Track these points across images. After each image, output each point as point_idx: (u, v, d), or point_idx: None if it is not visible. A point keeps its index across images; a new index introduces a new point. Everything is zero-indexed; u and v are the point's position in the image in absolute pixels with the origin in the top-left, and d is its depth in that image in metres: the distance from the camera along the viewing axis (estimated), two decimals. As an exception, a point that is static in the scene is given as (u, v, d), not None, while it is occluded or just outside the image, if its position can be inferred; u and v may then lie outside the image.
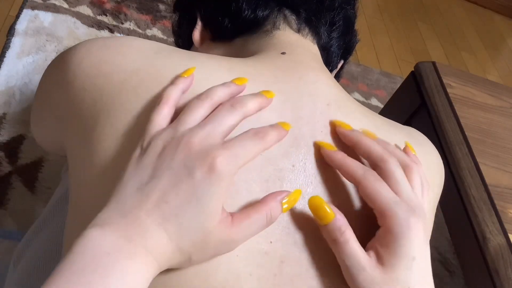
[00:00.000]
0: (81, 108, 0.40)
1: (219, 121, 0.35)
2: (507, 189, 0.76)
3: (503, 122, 0.89)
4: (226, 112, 0.36)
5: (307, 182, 0.40)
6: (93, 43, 0.42)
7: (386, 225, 0.37)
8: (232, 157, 0.33)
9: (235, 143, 0.35)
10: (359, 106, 0.47)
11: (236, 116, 0.37)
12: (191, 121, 0.36)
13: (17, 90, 1.12)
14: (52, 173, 1.02)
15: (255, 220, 0.35)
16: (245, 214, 0.35)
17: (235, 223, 0.34)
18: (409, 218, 0.36)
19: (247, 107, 0.37)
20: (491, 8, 2.55)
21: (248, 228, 0.34)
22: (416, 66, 0.94)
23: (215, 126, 0.35)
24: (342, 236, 0.36)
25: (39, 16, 1.28)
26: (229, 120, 0.36)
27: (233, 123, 0.36)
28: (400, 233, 0.36)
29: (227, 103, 0.37)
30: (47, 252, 0.58)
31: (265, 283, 0.37)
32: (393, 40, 1.97)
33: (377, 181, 0.38)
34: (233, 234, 0.34)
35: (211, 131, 0.35)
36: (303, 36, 0.52)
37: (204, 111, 0.37)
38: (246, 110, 0.37)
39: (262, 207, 0.35)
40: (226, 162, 0.33)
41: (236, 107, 0.37)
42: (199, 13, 0.56)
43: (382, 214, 0.37)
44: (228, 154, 0.33)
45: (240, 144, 0.35)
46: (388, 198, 0.37)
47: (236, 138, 0.35)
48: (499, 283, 0.64)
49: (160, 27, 1.46)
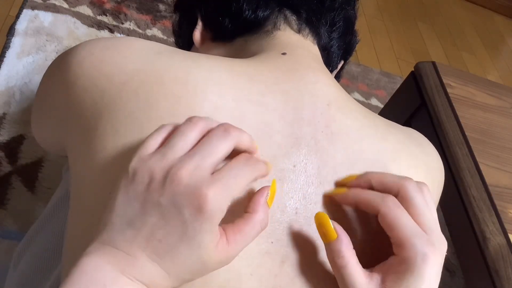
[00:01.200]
0: (82, 108, 0.40)
1: (210, 151, 0.33)
2: (507, 189, 0.76)
3: (503, 122, 0.89)
4: (218, 140, 0.34)
5: (308, 182, 0.40)
6: (94, 44, 0.42)
7: (401, 255, 0.36)
8: (223, 190, 0.32)
9: (226, 174, 0.33)
10: (359, 107, 0.47)
11: (229, 143, 0.34)
12: (181, 147, 0.33)
13: (17, 90, 1.12)
14: (52, 173, 1.02)
15: (249, 231, 0.34)
16: (237, 229, 0.34)
17: (230, 241, 0.33)
18: (427, 253, 0.35)
19: (242, 134, 0.35)
20: (491, 8, 2.55)
21: (244, 241, 0.34)
22: (416, 66, 0.94)
23: (205, 156, 0.33)
24: (343, 258, 0.36)
25: (39, 16, 1.28)
26: (220, 149, 0.33)
27: (225, 151, 0.34)
28: (414, 267, 0.35)
29: (221, 128, 0.34)
30: (47, 252, 0.58)
31: (266, 283, 0.37)
32: (393, 40, 1.97)
33: (396, 208, 0.37)
34: (230, 252, 0.33)
35: (200, 162, 0.32)
36: (304, 36, 0.52)
37: (195, 135, 0.34)
38: (240, 137, 0.35)
39: (253, 217, 0.34)
40: (216, 198, 0.31)
41: (229, 131, 0.34)
42: (199, 13, 0.56)
43: (399, 244, 0.36)
44: (219, 188, 0.32)
45: (231, 174, 0.33)
46: (408, 228, 0.36)
47: (227, 167, 0.33)
48: (499, 283, 0.64)
49: (160, 27, 1.46)
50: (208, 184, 0.32)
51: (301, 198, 0.40)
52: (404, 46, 1.97)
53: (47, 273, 0.56)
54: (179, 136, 0.34)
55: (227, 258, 0.33)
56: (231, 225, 0.34)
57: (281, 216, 0.39)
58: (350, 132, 0.43)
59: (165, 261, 0.32)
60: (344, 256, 0.36)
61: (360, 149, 0.43)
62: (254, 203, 0.35)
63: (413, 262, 0.35)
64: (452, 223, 0.79)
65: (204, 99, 0.39)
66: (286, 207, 0.39)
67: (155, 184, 0.32)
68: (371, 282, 0.36)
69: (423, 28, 2.14)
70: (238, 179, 0.33)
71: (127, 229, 0.32)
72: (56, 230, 0.59)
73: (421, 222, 0.37)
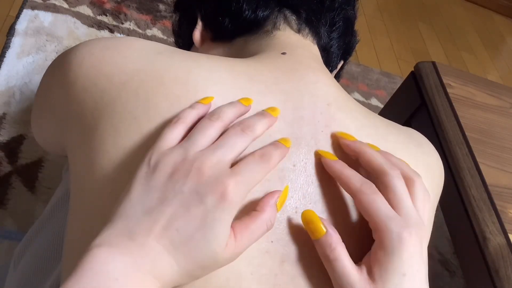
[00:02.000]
0: (82, 108, 0.40)
1: (230, 147, 0.35)
2: (507, 189, 0.76)
3: (503, 122, 0.89)
4: (236, 137, 0.36)
5: (308, 182, 0.40)
6: (94, 44, 0.42)
7: (378, 240, 0.37)
8: (241, 184, 0.34)
9: (243, 169, 0.35)
10: (359, 107, 0.47)
11: (246, 141, 0.37)
12: (202, 142, 0.35)
13: (17, 90, 1.12)
14: (52, 173, 1.02)
15: (256, 229, 0.35)
16: (244, 226, 0.34)
17: (238, 238, 0.34)
18: (402, 233, 0.36)
19: (255, 132, 0.38)
20: (491, 8, 2.55)
21: (250, 239, 0.35)
22: (416, 66, 0.94)
23: (226, 152, 0.35)
24: (332, 253, 0.36)
25: (39, 16, 1.28)
26: (238, 145, 0.36)
27: (243, 148, 0.36)
28: (390, 249, 0.36)
29: (238, 128, 0.37)
30: (47, 252, 0.58)
31: (266, 283, 0.37)
32: (393, 40, 1.97)
33: (373, 194, 0.38)
34: (237, 249, 0.34)
35: (221, 157, 0.35)
36: (303, 36, 0.52)
37: (215, 132, 0.37)
38: (255, 135, 0.38)
39: (260, 215, 0.35)
40: (237, 189, 0.33)
41: (246, 132, 0.37)
42: (199, 13, 0.56)
43: (375, 229, 0.37)
44: (238, 181, 0.34)
45: (248, 169, 0.35)
46: (383, 212, 0.37)
47: (243, 163, 0.35)
48: (499, 283, 0.64)
49: (160, 27, 1.46)
50: (229, 175, 0.34)
51: (301, 197, 0.40)
52: (404, 46, 1.97)
53: (47, 273, 0.56)
54: (200, 132, 0.36)
55: (233, 254, 0.34)
56: (238, 221, 0.35)
57: (281, 215, 0.39)
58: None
59: (179, 253, 0.32)
60: (335, 248, 0.36)
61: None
62: (263, 202, 0.36)
63: (389, 244, 0.36)
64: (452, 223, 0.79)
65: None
66: (286, 206, 0.39)
67: (179, 174, 0.33)
68: (361, 274, 0.36)
69: (423, 28, 2.14)
70: (255, 173, 0.35)
71: (145, 219, 0.32)
72: (56, 230, 0.59)
73: (398, 208, 0.37)
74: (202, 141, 0.35)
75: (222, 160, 0.34)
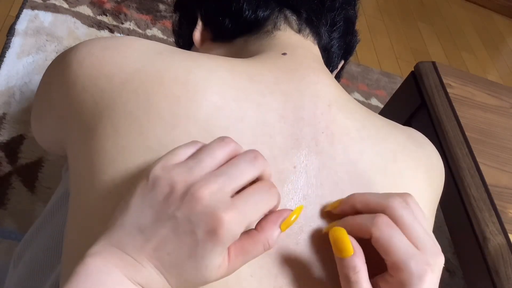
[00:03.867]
0: (82, 108, 0.40)
1: (236, 175, 0.32)
2: (507, 189, 0.76)
3: (503, 122, 0.89)
4: (246, 165, 0.33)
5: (308, 183, 0.40)
6: (94, 44, 0.42)
7: (398, 277, 0.35)
8: (239, 216, 0.31)
9: (245, 199, 0.32)
10: (359, 107, 0.47)
11: (256, 171, 0.33)
12: (208, 164, 0.33)
13: (17, 90, 1.12)
14: (52, 173, 1.02)
15: (252, 250, 0.33)
16: (240, 247, 0.33)
17: (232, 259, 0.33)
18: (423, 274, 0.34)
19: (266, 167, 0.34)
20: (491, 8, 2.55)
21: (245, 260, 0.34)
22: (416, 66, 0.94)
23: (230, 179, 0.32)
24: (355, 275, 0.35)
25: (39, 16, 1.28)
26: (246, 175, 0.33)
27: (250, 178, 0.33)
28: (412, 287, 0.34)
29: (251, 154, 0.34)
30: (47, 252, 0.58)
31: (266, 284, 0.37)
32: (393, 40, 1.97)
33: (388, 228, 0.35)
34: (231, 269, 0.33)
35: (223, 186, 0.32)
36: (304, 36, 0.52)
37: (224, 155, 0.33)
38: (266, 168, 0.34)
39: (259, 238, 0.33)
40: (232, 223, 0.31)
41: (258, 159, 0.34)
42: (199, 13, 0.56)
43: (394, 267, 0.35)
44: (236, 214, 0.31)
45: (251, 201, 0.32)
46: (402, 250, 0.35)
47: (247, 193, 0.33)
48: (499, 283, 0.64)
49: (160, 27, 1.46)
50: (226, 208, 0.31)
51: (301, 199, 0.40)
52: (404, 46, 1.97)
53: (47, 273, 0.56)
54: (208, 152, 0.33)
55: (226, 274, 0.33)
56: (234, 243, 0.33)
57: (281, 217, 0.38)
58: (350, 132, 0.43)
59: (170, 274, 0.32)
60: (358, 272, 0.35)
61: (361, 150, 0.43)
62: (266, 221, 0.34)
63: (409, 285, 0.35)
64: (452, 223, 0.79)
65: (204, 99, 0.39)
66: (287, 207, 0.39)
67: (175, 196, 0.31)
68: None
69: (423, 28, 2.14)
70: (257, 206, 0.33)
71: (138, 235, 0.31)
72: (56, 230, 0.59)
73: (413, 239, 0.36)
74: (208, 162, 0.33)
75: (222, 189, 0.31)
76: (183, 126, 0.38)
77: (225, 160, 0.33)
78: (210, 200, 0.31)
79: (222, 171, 0.32)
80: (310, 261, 0.39)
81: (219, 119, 0.39)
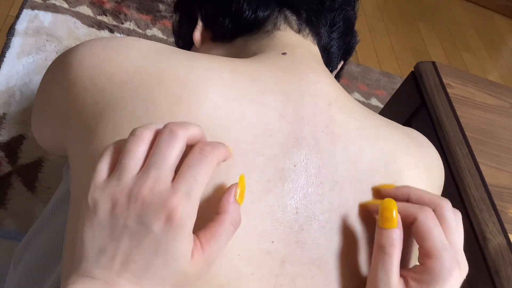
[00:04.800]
0: (82, 108, 0.40)
1: (162, 161, 0.33)
2: (507, 189, 0.76)
3: (503, 122, 0.89)
4: (167, 146, 0.33)
5: (309, 182, 0.40)
6: (94, 44, 0.42)
7: (428, 265, 0.37)
8: (187, 196, 0.32)
9: (185, 177, 0.33)
10: (359, 107, 0.47)
11: (178, 145, 0.34)
12: (134, 165, 0.33)
13: (17, 90, 1.12)
14: (52, 173, 1.02)
15: (222, 233, 0.34)
16: (209, 233, 0.33)
17: (205, 247, 0.33)
18: (454, 269, 0.37)
19: (189, 129, 0.34)
20: (491, 8, 2.55)
21: (219, 245, 0.34)
22: (416, 66, 0.94)
23: (159, 169, 0.33)
24: (390, 248, 0.37)
25: (39, 16, 1.28)
26: (172, 154, 0.33)
27: (177, 155, 0.34)
28: (440, 278, 0.37)
29: (166, 130, 0.34)
30: (47, 252, 0.58)
31: (266, 283, 0.37)
32: (393, 40, 1.97)
33: (433, 219, 0.38)
34: (207, 257, 0.33)
35: (157, 177, 0.32)
36: (304, 36, 0.52)
37: (143, 149, 0.34)
38: (188, 133, 0.34)
39: (223, 218, 0.34)
40: (183, 205, 0.31)
41: (175, 133, 0.34)
42: (199, 13, 0.56)
43: (428, 254, 0.38)
44: (183, 195, 0.32)
45: (190, 175, 0.33)
46: (439, 241, 0.38)
47: (184, 169, 0.33)
48: (499, 283, 0.64)
49: (160, 27, 1.46)
50: (169, 195, 0.32)
51: (301, 197, 0.40)
52: (404, 46, 1.97)
53: (47, 273, 0.56)
54: (128, 156, 0.34)
55: (205, 264, 0.33)
56: (203, 230, 0.34)
57: (281, 216, 0.39)
58: (350, 132, 0.43)
59: (145, 281, 0.32)
60: (395, 246, 0.37)
61: (361, 149, 0.43)
62: (223, 203, 0.34)
63: (439, 274, 0.37)
64: (452, 223, 0.78)
65: (205, 99, 0.39)
66: (287, 207, 0.39)
67: (119, 207, 0.32)
68: (399, 282, 0.37)
69: (423, 28, 2.14)
70: (199, 177, 0.33)
71: (101, 257, 0.32)
72: (56, 230, 0.59)
73: (450, 240, 0.38)
74: (132, 164, 0.33)
75: (159, 179, 0.32)
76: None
77: (146, 152, 0.34)
78: (152, 196, 0.32)
79: (149, 165, 0.33)
80: (310, 260, 0.39)
81: (219, 119, 0.39)
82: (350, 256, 0.40)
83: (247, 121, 0.39)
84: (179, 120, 0.36)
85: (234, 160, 0.38)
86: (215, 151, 0.35)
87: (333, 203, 0.40)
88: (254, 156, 0.39)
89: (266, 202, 0.38)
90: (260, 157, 0.39)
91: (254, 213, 0.38)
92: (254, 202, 0.38)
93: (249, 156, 0.38)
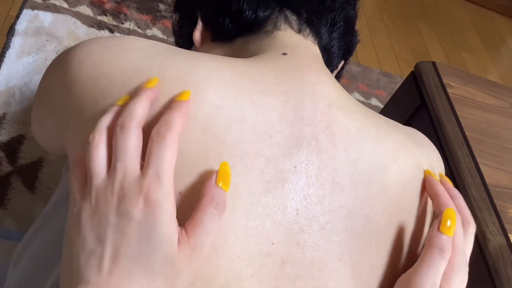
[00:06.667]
0: (82, 108, 0.40)
1: (124, 153, 0.34)
2: (507, 189, 0.76)
3: (503, 122, 0.89)
4: (122, 139, 0.35)
5: (309, 183, 0.40)
6: (94, 43, 0.42)
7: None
8: (157, 177, 0.33)
9: (150, 161, 0.34)
10: (360, 107, 0.47)
11: (133, 135, 0.35)
12: (100, 169, 0.35)
13: (17, 90, 1.12)
14: (52, 173, 1.02)
15: (205, 218, 0.34)
16: (194, 220, 0.34)
17: (190, 234, 0.33)
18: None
19: (136, 116, 0.35)
20: (491, 8, 2.55)
21: (205, 230, 0.34)
22: (416, 66, 0.94)
23: (124, 160, 0.34)
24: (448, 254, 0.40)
25: (39, 16, 1.28)
26: (130, 144, 0.35)
27: (135, 142, 0.35)
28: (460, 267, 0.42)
29: (117, 127, 0.35)
30: (47, 252, 0.58)
31: (266, 284, 0.37)
32: (393, 40, 1.97)
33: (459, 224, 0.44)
34: (195, 244, 0.34)
35: (124, 168, 0.34)
36: (304, 36, 0.52)
37: (102, 149, 0.35)
38: (137, 119, 0.36)
39: (205, 203, 0.34)
40: (156, 186, 0.33)
41: (125, 125, 0.35)
42: (199, 13, 0.56)
43: None
44: (154, 179, 0.33)
45: (154, 158, 0.34)
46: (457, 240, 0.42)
47: (148, 155, 0.34)
48: (499, 283, 0.64)
49: (160, 27, 1.46)
50: (142, 180, 0.33)
51: (302, 199, 0.40)
52: (404, 46, 1.97)
53: (47, 273, 0.56)
54: (91, 162, 0.35)
55: (193, 252, 0.34)
56: (188, 220, 0.34)
57: (282, 217, 0.38)
58: (350, 132, 0.43)
59: (136, 273, 0.32)
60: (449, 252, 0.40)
61: (361, 150, 0.43)
62: (203, 188, 0.35)
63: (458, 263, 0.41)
64: (452, 223, 0.78)
65: (205, 99, 0.39)
66: (287, 208, 0.39)
67: (99, 209, 0.34)
68: None
69: (423, 28, 2.14)
70: (163, 158, 0.34)
71: (91, 260, 0.33)
72: (56, 230, 0.58)
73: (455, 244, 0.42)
74: (98, 169, 0.35)
75: (126, 172, 0.34)
76: (184, 126, 0.38)
77: (107, 152, 0.35)
78: (125, 187, 0.33)
79: (114, 162, 0.34)
80: (310, 261, 0.39)
81: (219, 119, 0.39)
82: (351, 257, 0.40)
83: (247, 122, 0.39)
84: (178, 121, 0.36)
85: (234, 160, 0.38)
86: (169, 127, 0.35)
87: (333, 205, 0.40)
88: (254, 157, 0.39)
89: (266, 204, 0.38)
90: (260, 158, 0.39)
91: (254, 214, 0.37)
92: (254, 203, 0.38)
93: (249, 157, 0.38)
